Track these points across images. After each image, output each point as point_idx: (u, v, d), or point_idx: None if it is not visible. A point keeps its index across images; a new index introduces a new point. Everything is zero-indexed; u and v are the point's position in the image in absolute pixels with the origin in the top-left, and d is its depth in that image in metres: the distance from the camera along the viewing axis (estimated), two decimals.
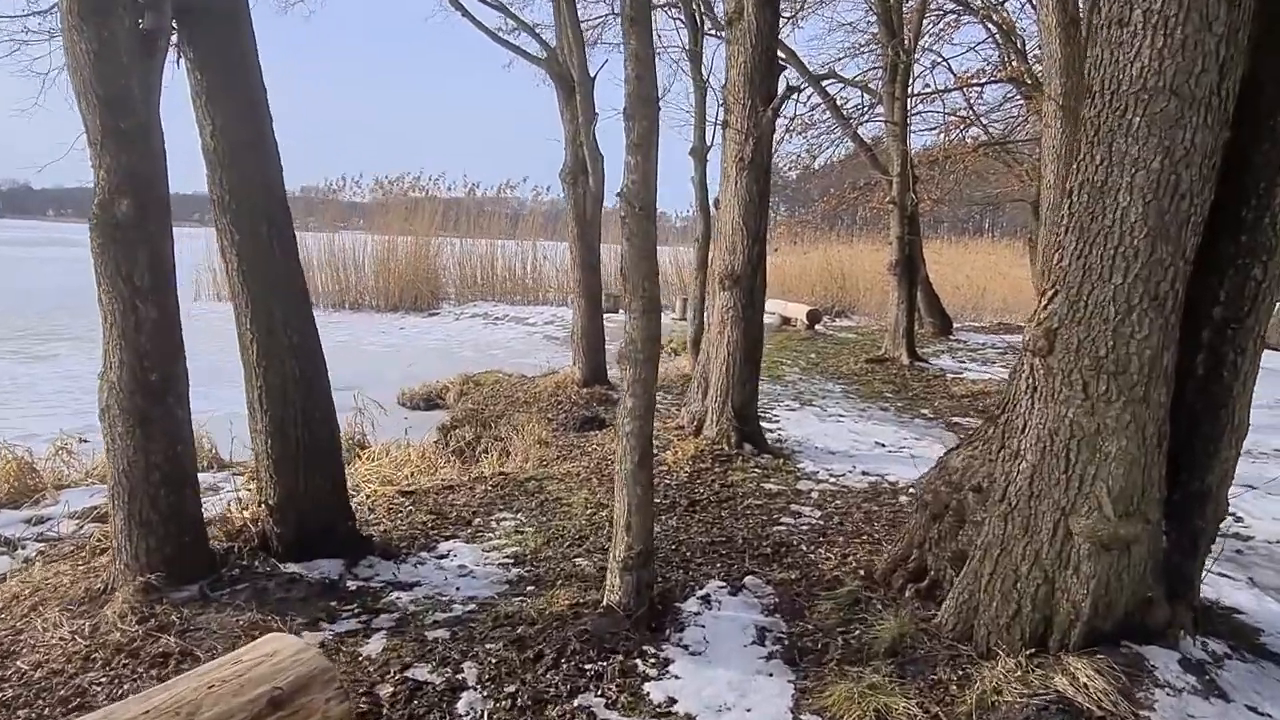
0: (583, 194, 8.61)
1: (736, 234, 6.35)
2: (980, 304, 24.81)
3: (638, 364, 3.45)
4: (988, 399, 9.46)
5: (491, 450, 7.21)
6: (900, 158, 11.85)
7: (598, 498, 5.37)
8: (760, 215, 6.36)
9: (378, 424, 8.22)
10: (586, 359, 8.74)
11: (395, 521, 4.80)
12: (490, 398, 9.14)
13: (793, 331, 16.40)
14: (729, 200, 6.39)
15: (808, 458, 6.51)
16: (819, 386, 10.56)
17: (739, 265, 6.34)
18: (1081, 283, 2.97)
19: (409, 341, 17.03)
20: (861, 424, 8.11)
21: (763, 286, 6.49)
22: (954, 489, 3.52)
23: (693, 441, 6.40)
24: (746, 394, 6.44)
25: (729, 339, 6.39)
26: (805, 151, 16.07)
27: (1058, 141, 9.03)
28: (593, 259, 8.76)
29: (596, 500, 5.31)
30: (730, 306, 6.38)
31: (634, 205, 3.36)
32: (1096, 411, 2.95)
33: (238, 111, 3.70)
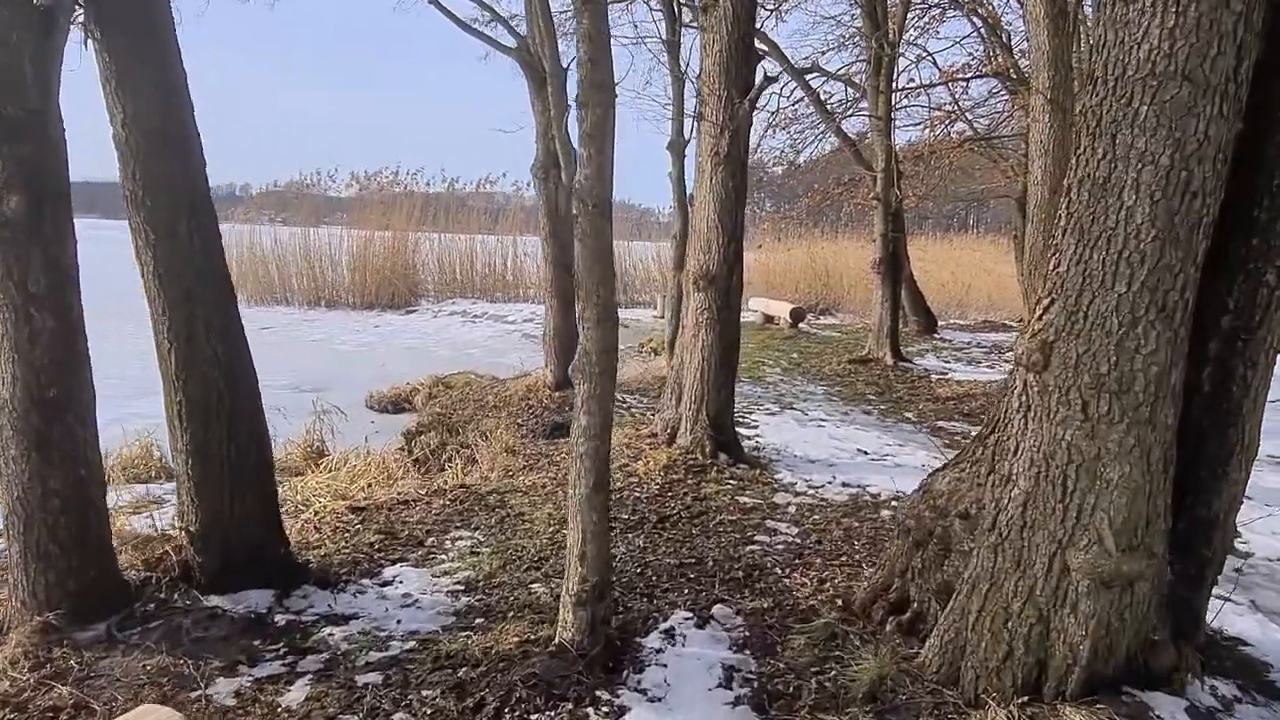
0: (555, 189, 8.27)
1: (711, 232, 6.03)
2: (965, 301, 24.63)
3: (593, 378, 3.13)
4: (973, 402, 9.21)
5: (456, 459, 6.86)
6: (884, 153, 11.57)
7: (562, 513, 5.04)
8: (736, 212, 6.04)
9: (338, 430, 7.87)
10: (559, 361, 8.41)
11: (340, 543, 4.46)
12: (459, 401, 8.79)
13: (776, 330, 16.12)
14: (704, 196, 6.07)
15: (786, 467, 6.21)
16: (800, 388, 10.28)
17: (714, 265, 6.02)
18: (1081, 291, 2.67)
19: (384, 340, 16.64)
20: (843, 429, 7.82)
21: (739, 287, 6.18)
22: (939, 514, 3.22)
23: (665, 451, 6.09)
24: (722, 401, 6.13)
25: (703, 343, 6.08)
26: (789, 147, 15.75)
27: (1045, 136, 8.77)
28: (566, 257, 8.41)
29: (560, 516, 4.98)
30: (705, 308, 6.06)
31: (587, 202, 3.03)
32: (1097, 434, 2.65)
33: (152, 98, 3.34)
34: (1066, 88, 8.76)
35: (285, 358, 14.02)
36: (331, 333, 17.37)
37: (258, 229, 22.64)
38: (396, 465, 6.76)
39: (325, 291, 22.43)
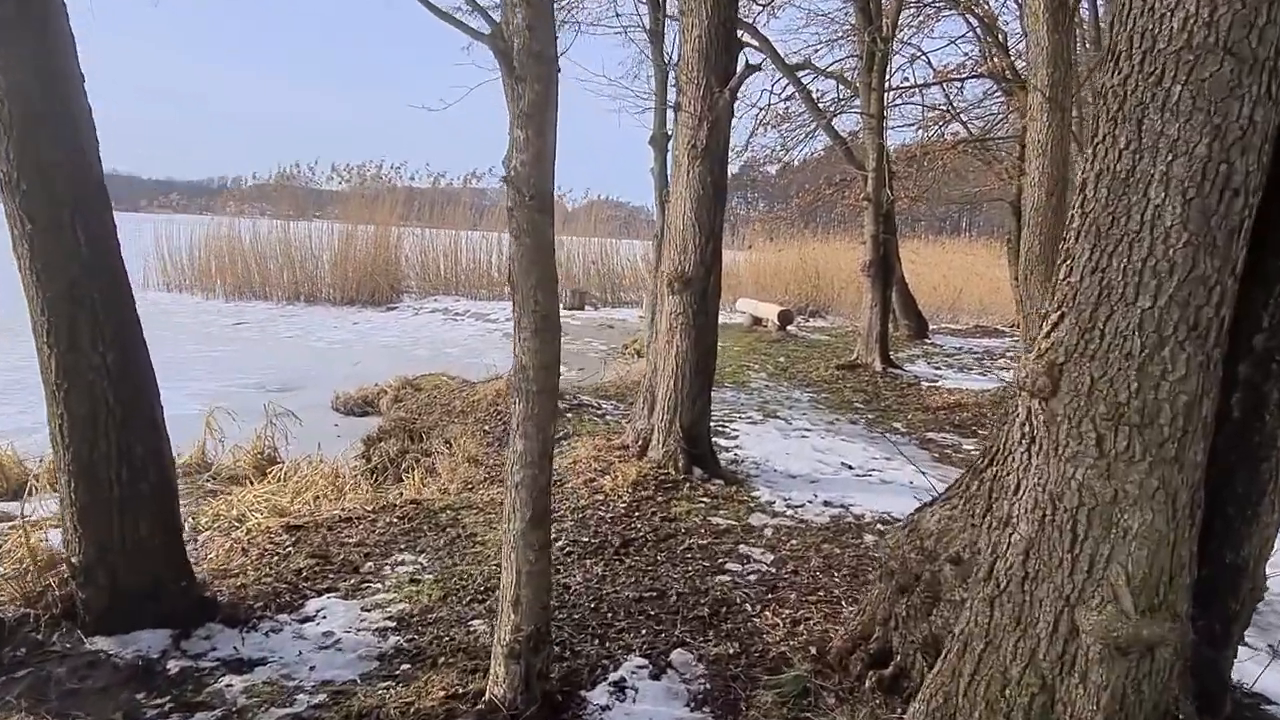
0: None
1: (688, 230, 5.61)
2: (957, 305, 24.31)
3: (529, 397, 2.70)
4: (964, 412, 8.83)
5: (415, 469, 6.43)
6: (876, 152, 11.17)
7: None
8: (715, 210, 5.63)
9: (295, 435, 7.42)
10: None
11: (264, 569, 4.02)
12: (425, 405, 8.35)
13: (763, 333, 15.73)
14: (680, 193, 5.65)
15: (765, 483, 5.80)
16: (785, 395, 9.87)
17: (690, 266, 5.61)
18: (1097, 305, 2.26)
19: (361, 338, 16.17)
20: (828, 440, 7.42)
21: (717, 290, 5.76)
22: (927, 557, 2.81)
23: (635, 465, 5.67)
24: (697, 411, 5.72)
25: (677, 349, 5.66)
26: (780, 145, 15.35)
27: (1043, 136, 8.38)
28: None
29: None
30: (679, 312, 5.65)
31: (523, 193, 2.61)
32: (1114, 474, 2.24)
33: (30, 68, 2.90)
34: (1065, 86, 8.38)
35: (257, 355, 13.56)
36: (308, 329, 16.88)
37: (236, 221, 22.10)
38: (349, 476, 6.33)
39: (305, 286, 21.91)
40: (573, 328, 17.48)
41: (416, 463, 6.74)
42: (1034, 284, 8.61)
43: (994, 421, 9.37)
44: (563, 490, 5.37)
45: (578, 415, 7.79)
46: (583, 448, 6.16)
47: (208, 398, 10.08)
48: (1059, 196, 8.49)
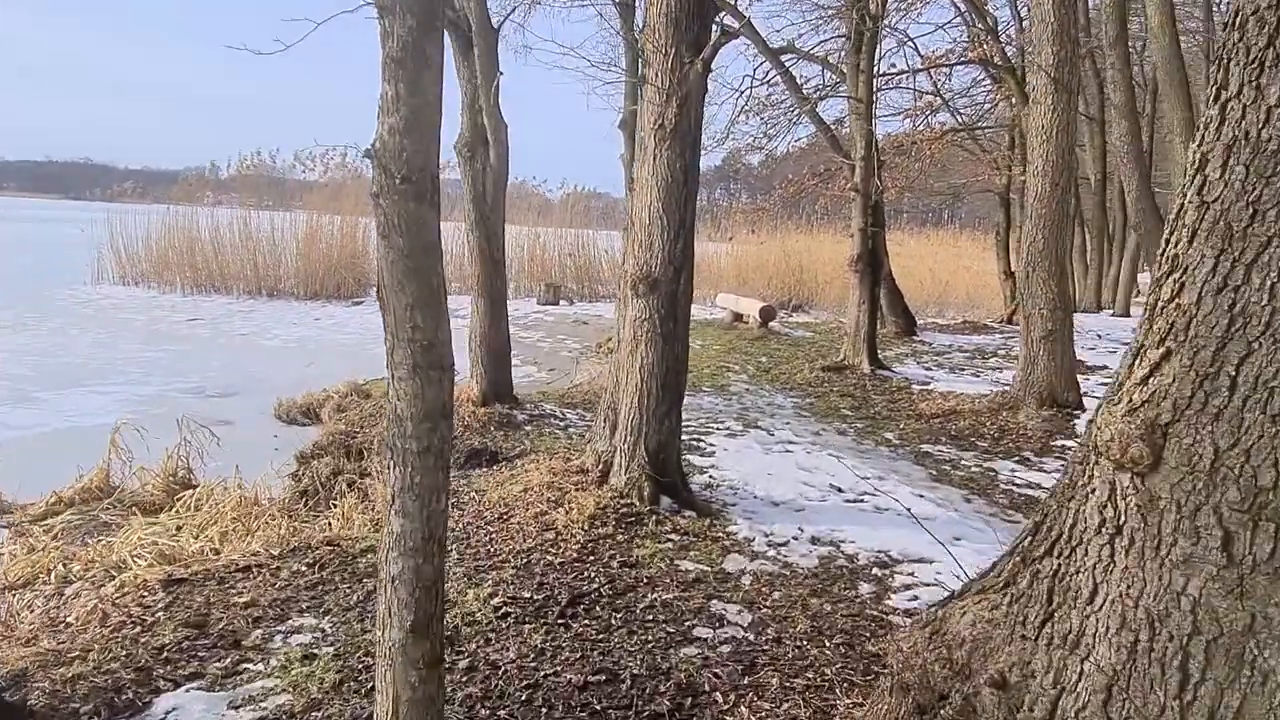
0: (481, 169, 7.04)
1: (654, 224, 4.85)
2: (943, 299, 23.73)
3: (408, 459, 1.94)
4: (960, 421, 8.14)
5: (347, 495, 5.65)
6: (864, 139, 10.45)
7: (450, 587, 3.86)
8: (686, 200, 4.87)
9: (223, 448, 6.62)
10: (486, 372, 7.20)
11: (115, 649, 3.22)
12: (370, 417, 7.55)
13: (744, 330, 15.01)
14: (645, 179, 4.88)
15: (743, 513, 5.06)
16: (768, 400, 9.15)
17: (656, 265, 4.85)
18: (1226, 339, 1.53)
19: (320, 335, 15.29)
20: (814, 456, 6.70)
21: (688, 292, 5.01)
22: (957, 672, 2.07)
23: (594, 494, 4.91)
24: (665, 433, 4.97)
25: (643, 361, 4.91)
26: (762, 133, 14.60)
27: (1048, 120, 7.68)
28: (495, 249, 7.20)
29: (447, 590, 3.80)
30: (645, 318, 4.89)
31: (392, 174, 1.83)
32: (1249, 591, 1.51)
33: None
34: (1072, 65, 7.68)
35: (204, 355, 12.69)
36: (265, 326, 15.98)
37: (195, 211, 21.09)
38: (270, 504, 5.54)
39: (267, 280, 20.97)
40: (546, 323, 16.69)
41: (350, 486, 5.95)
42: (1037, 281, 7.92)
43: (980, 397, 8.71)
44: (508, 528, 4.61)
45: (538, 428, 7.03)
46: (536, 472, 5.39)
47: (136, 404, 9.24)
48: (1065, 186, 7.80)
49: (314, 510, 5.72)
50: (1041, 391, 7.99)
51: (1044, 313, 7.93)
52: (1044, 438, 7.46)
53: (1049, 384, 7.99)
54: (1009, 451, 7.16)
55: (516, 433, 6.83)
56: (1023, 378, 8.17)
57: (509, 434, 6.77)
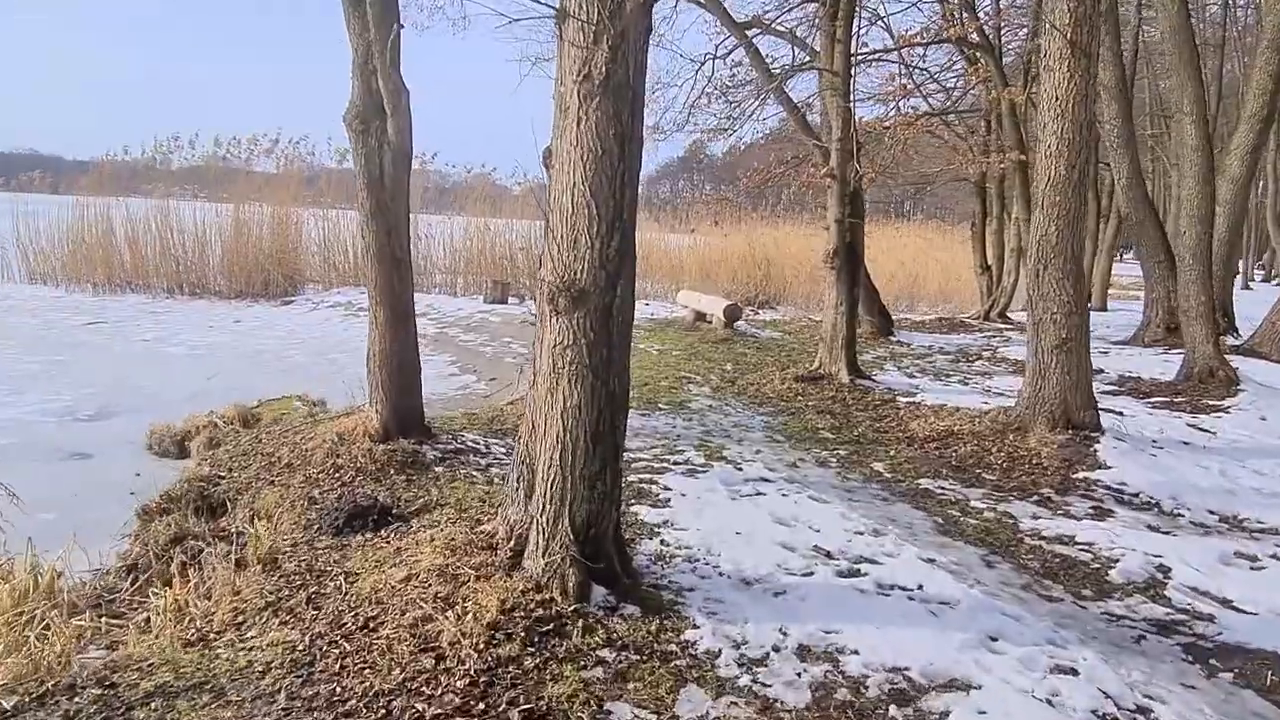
0: (378, 146, 5.62)
1: (580, 214, 3.51)
2: (914, 293, 22.73)
3: None
4: (960, 444, 6.93)
5: (177, 579, 4.23)
6: (841, 118, 9.19)
7: None
8: (624, 180, 3.54)
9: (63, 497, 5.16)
10: (387, 399, 5.80)
11: None
12: (243, 454, 6.11)
13: (708, 331, 13.74)
14: (567, 154, 3.53)
15: (705, 604, 3.76)
16: (734, 420, 7.87)
17: (583, 271, 3.50)
18: None
19: (236, 341, 13.69)
20: (792, 499, 5.42)
21: (628, 307, 3.67)
22: None
23: (501, 585, 3.57)
24: (597, 500, 3.63)
25: (565, 404, 3.56)
26: (726, 117, 13.30)
27: (1064, 91, 6.47)
28: (397, 245, 5.79)
29: None
30: (568, 344, 3.54)
31: None
32: None
33: None
34: (1092, 25, 6.47)
35: (89, 367, 11.04)
36: (173, 330, 14.31)
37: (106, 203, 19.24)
38: (67, 596, 4.12)
39: (189, 277, 19.21)
40: (491, 325, 15.27)
41: (192, 560, 4.53)
42: (1049, 281, 6.73)
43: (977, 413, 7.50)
44: (372, 645, 3.25)
45: (451, 469, 5.64)
46: (429, 547, 4.02)
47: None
48: (1083, 169, 6.61)
49: (139, 597, 4.30)
50: (1054, 410, 6.82)
51: (1057, 318, 6.74)
52: (1062, 468, 6.28)
53: (1062, 401, 6.81)
54: (1024, 488, 5.96)
55: (423, 477, 5.44)
56: (1031, 393, 6.98)
57: (413, 479, 5.38)
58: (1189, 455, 6.71)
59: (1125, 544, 4.87)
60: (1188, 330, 9.53)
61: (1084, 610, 4.04)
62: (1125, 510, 5.56)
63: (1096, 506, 5.60)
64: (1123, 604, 4.14)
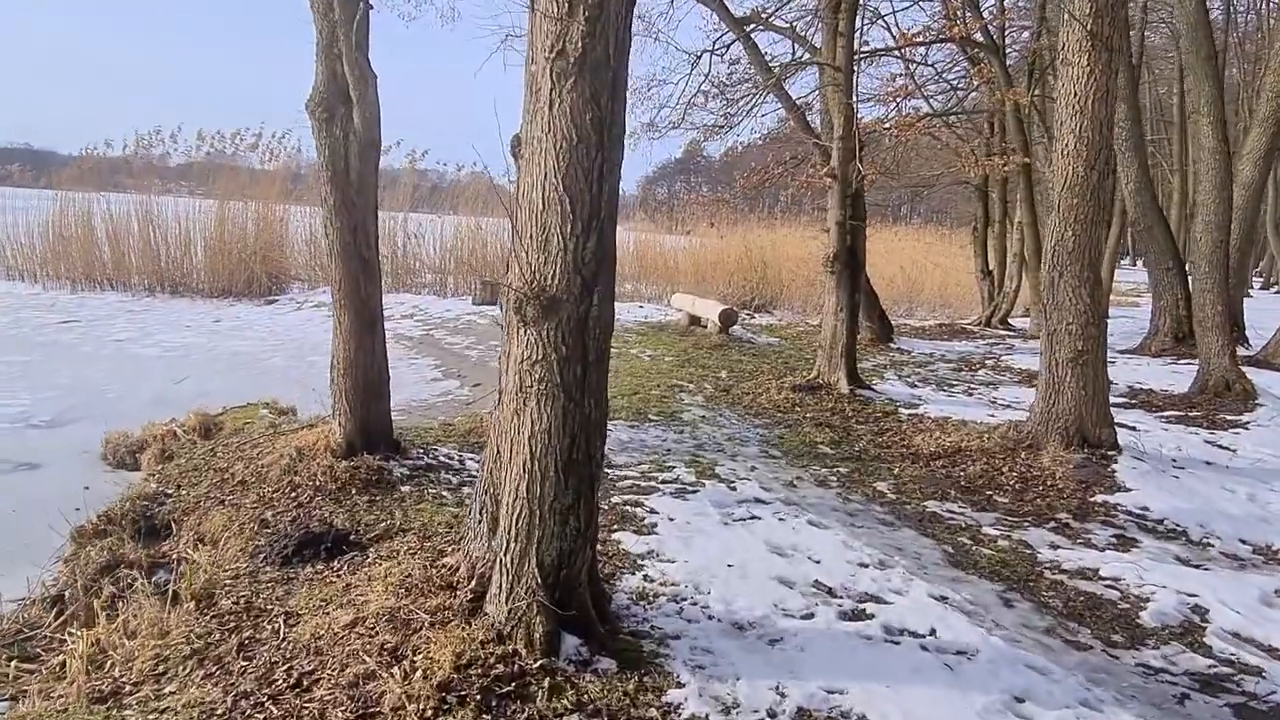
0: (341, 136, 5.16)
1: (553, 211, 3.06)
2: (913, 298, 22.32)
3: None
4: (969, 462, 6.50)
5: (100, 616, 3.77)
6: (843, 115, 8.75)
7: None
8: (603, 171, 3.09)
9: None
10: (351, 411, 5.34)
11: None
12: (195, 469, 5.64)
13: (702, 336, 13.29)
14: (538, 142, 3.09)
15: (691, 655, 3.31)
16: (728, 433, 7.43)
17: (555, 276, 3.06)
18: None
19: (213, 341, 13.20)
20: (790, 526, 4.98)
21: (607, 317, 3.22)
22: None
23: (459, 633, 3.11)
24: (569, 538, 3.18)
25: (534, 428, 3.12)
26: (722, 114, 12.87)
27: (1083, 86, 6.05)
28: (363, 243, 5.33)
29: None
30: (538, 359, 3.09)
31: None
32: None
33: None
34: (1114, 16, 6.04)
35: (52, 369, 10.55)
36: (149, 330, 13.82)
37: (86, 198, 18.72)
38: None
39: (172, 274, 18.69)
40: (479, 328, 14.79)
41: (123, 592, 4.07)
42: (1064, 289, 6.31)
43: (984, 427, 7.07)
44: (302, 709, 2.80)
45: (419, 488, 5.19)
46: (381, 585, 3.57)
47: None
48: (1103, 171, 6.18)
49: (60, 635, 3.84)
50: (1068, 427, 6.39)
51: (1073, 329, 6.32)
52: (1079, 491, 5.85)
53: (1078, 418, 6.39)
54: (1039, 513, 5.52)
55: (387, 497, 4.98)
56: (1044, 409, 6.55)
57: (376, 500, 4.92)
58: (1213, 477, 6.28)
59: (1155, 580, 4.44)
60: (1203, 341, 9.11)
61: (1117, 662, 3.61)
62: (1150, 539, 5.13)
63: (1119, 535, 5.16)
64: (1159, 654, 3.70)
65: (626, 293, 21.21)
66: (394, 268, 20.66)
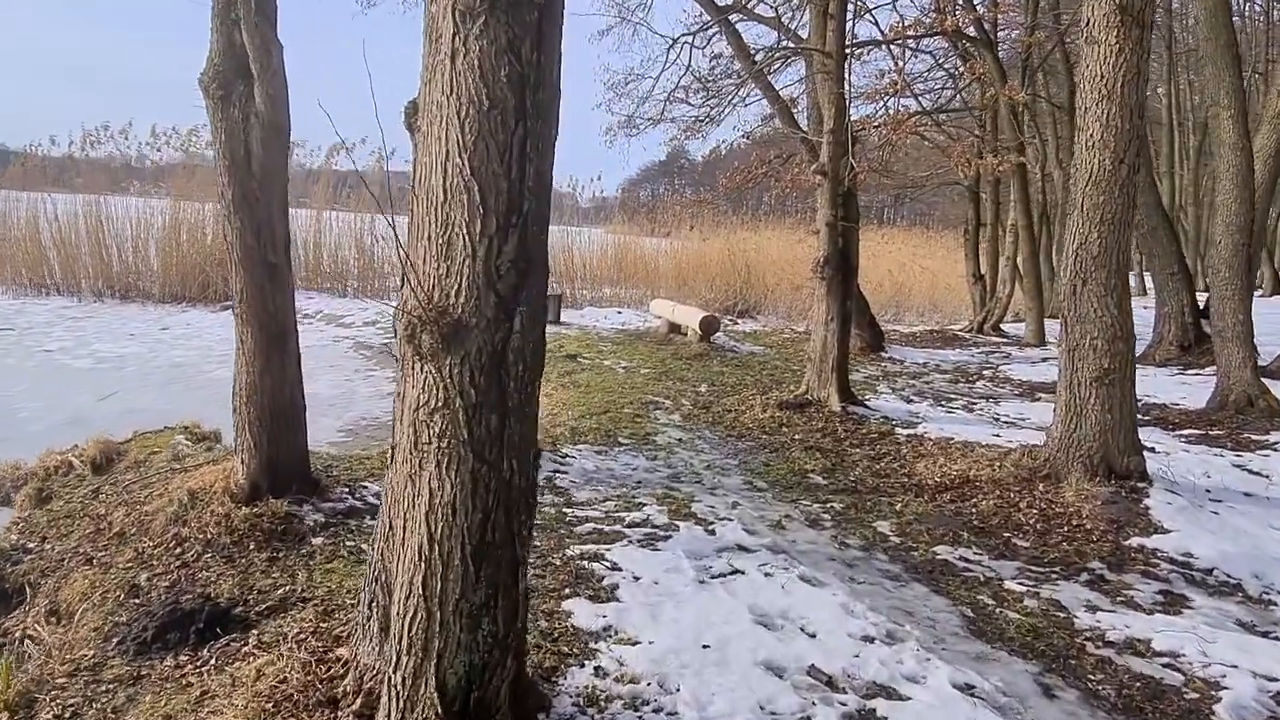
0: (241, 119, 4.29)
1: (455, 203, 2.22)
2: (901, 303, 21.62)
3: None
4: (980, 495, 5.71)
5: None
6: (834, 105, 7.96)
7: None
8: (527, 149, 2.25)
9: None
10: (257, 445, 4.47)
11: None
12: (69, 517, 4.74)
13: (682, 344, 12.48)
14: (436, 107, 2.25)
15: None
16: (707, 459, 6.60)
17: (461, 293, 2.22)
18: None
19: (155, 351, 12.23)
20: (778, 584, 4.16)
21: (535, 349, 2.38)
22: None
23: None
24: (483, 646, 2.33)
25: (432, 496, 2.27)
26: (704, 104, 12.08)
27: (1108, 68, 5.29)
28: (269, 246, 4.46)
29: None
30: (437, 405, 2.25)
31: None
32: None
33: None
34: None
35: None
36: (86, 339, 12.83)
37: (24, 197, 17.66)
38: None
39: (123, 278, 17.66)
40: None
41: None
42: (1088, 299, 5.54)
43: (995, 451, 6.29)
44: None
45: (333, 540, 4.31)
46: (245, 694, 2.71)
47: None
48: (1133, 164, 5.42)
49: None
50: (1092, 455, 5.62)
51: (1098, 345, 5.55)
52: (1110, 532, 5.06)
53: (1102, 445, 5.62)
54: (1068, 561, 4.73)
55: (292, 554, 4.11)
56: (1064, 434, 5.77)
57: (278, 558, 4.05)
58: (1256, 511, 5.52)
59: (1222, 655, 3.65)
60: (1222, 352, 8.39)
61: None
62: (1202, 596, 4.35)
63: (1165, 591, 4.38)
64: None
65: (604, 297, 20.39)
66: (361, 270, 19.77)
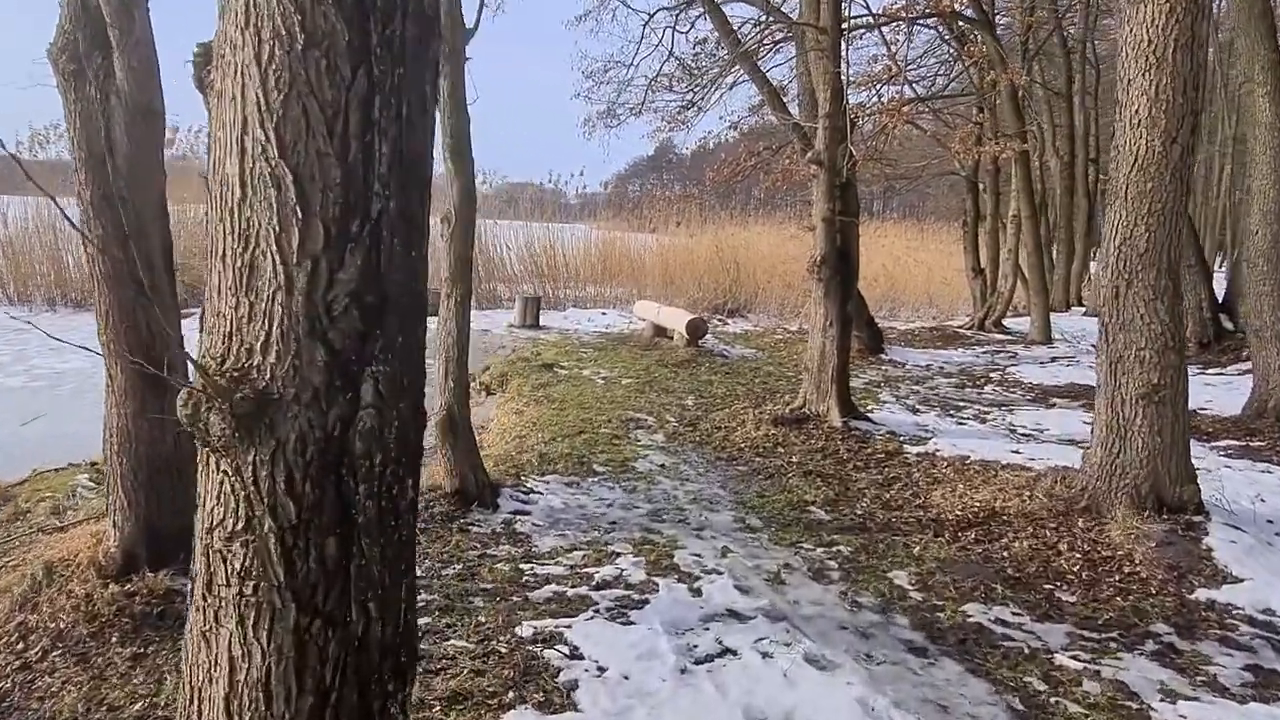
0: (99, 99, 3.44)
1: (259, 201, 1.37)
2: (896, 298, 20.83)
3: None
4: (1012, 537, 4.89)
5: None
6: (830, 87, 7.13)
7: None
8: (378, 110, 1.40)
9: None
10: (131, 503, 3.61)
11: None
12: None
13: (668, 349, 11.64)
14: (234, 50, 1.40)
15: None
16: (693, 490, 5.78)
17: (270, 348, 1.37)
18: None
19: (100, 368, 11.28)
20: (779, 669, 3.34)
21: (407, 438, 1.54)
22: None
23: None
24: None
25: (234, 672, 1.43)
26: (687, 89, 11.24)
27: (1157, 33, 4.47)
28: (140, 259, 3.61)
29: None
30: (241, 525, 1.40)
31: None
32: None
33: None
34: None
35: None
36: (26, 353, 11.90)
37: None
38: None
39: (77, 286, 16.69)
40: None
41: None
42: (1134, 303, 4.73)
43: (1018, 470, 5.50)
44: None
45: None
46: None
47: None
48: (1186, 144, 4.60)
49: None
50: (1139, 485, 4.82)
51: (1145, 356, 4.74)
52: (1170, 581, 4.26)
53: (1151, 473, 4.81)
54: (1127, 624, 3.92)
55: (166, 647, 3.25)
56: (1104, 459, 4.97)
57: (145, 655, 3.19)
58: None
59: None
60: (1260, 353, 7.62)
61: None
62: None
63: (1253, 666, 3.57)
64: None
65: (588, 297, 19.52)
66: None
